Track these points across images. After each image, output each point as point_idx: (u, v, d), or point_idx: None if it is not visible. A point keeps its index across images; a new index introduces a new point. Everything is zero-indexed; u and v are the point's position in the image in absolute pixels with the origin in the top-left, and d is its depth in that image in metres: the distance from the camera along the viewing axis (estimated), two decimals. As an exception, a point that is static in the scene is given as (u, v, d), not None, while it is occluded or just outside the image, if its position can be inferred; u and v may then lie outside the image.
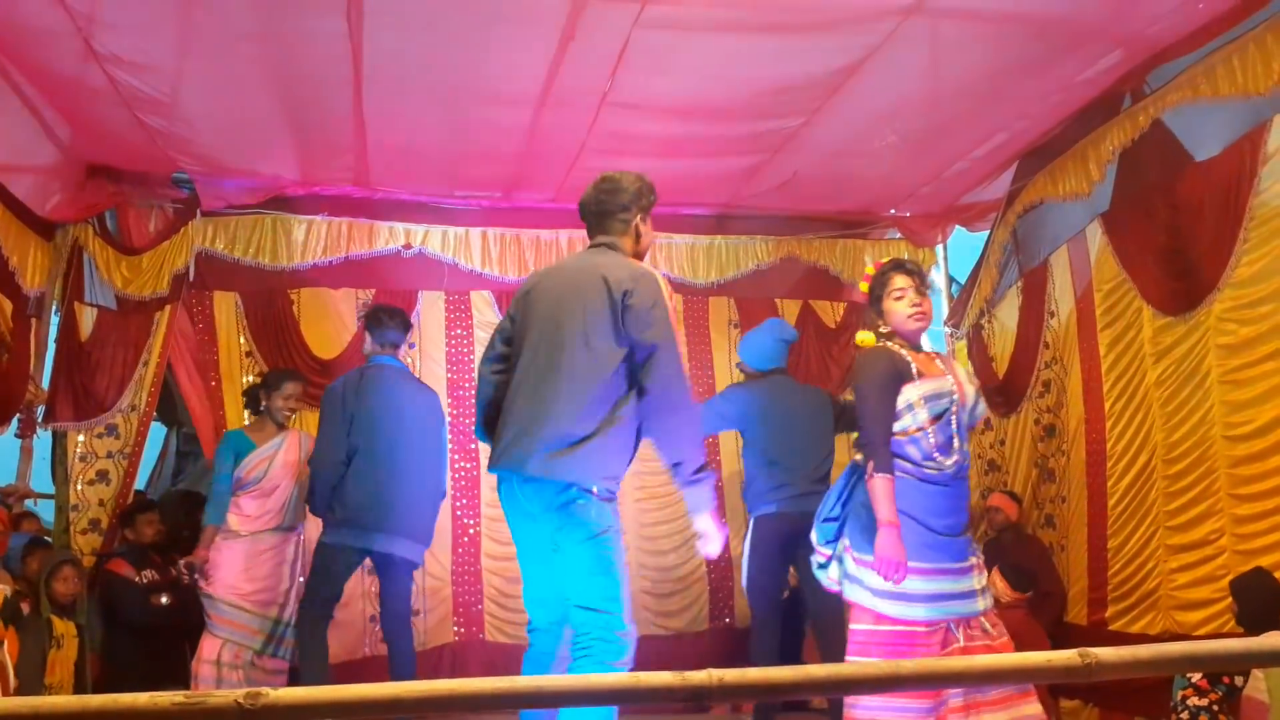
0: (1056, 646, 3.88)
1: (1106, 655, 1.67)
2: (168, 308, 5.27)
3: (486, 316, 5.82)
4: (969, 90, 4.61)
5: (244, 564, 4.50)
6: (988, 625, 3.02)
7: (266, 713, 1.35)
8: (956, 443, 3.08)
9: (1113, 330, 4.82)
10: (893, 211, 6.15)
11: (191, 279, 5.40)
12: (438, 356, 5.72)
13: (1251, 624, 3.49)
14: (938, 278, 6.29)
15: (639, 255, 3.11)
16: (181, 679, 4.47)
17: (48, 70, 4.21)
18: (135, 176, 5.26)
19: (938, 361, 3.19)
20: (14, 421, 4.79)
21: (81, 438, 5.14)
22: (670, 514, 5.53)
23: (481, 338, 5.80)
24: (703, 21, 3.99)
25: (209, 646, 4.43)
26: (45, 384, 5.07)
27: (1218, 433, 4.15)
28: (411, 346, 5.49)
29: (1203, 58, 4.15)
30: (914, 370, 3.08)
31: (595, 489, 2.81)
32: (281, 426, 4.79)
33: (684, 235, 6.02)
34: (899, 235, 6.30)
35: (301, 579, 4.67)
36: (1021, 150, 5.31)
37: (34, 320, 4.99)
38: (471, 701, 1.42)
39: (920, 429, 3.03)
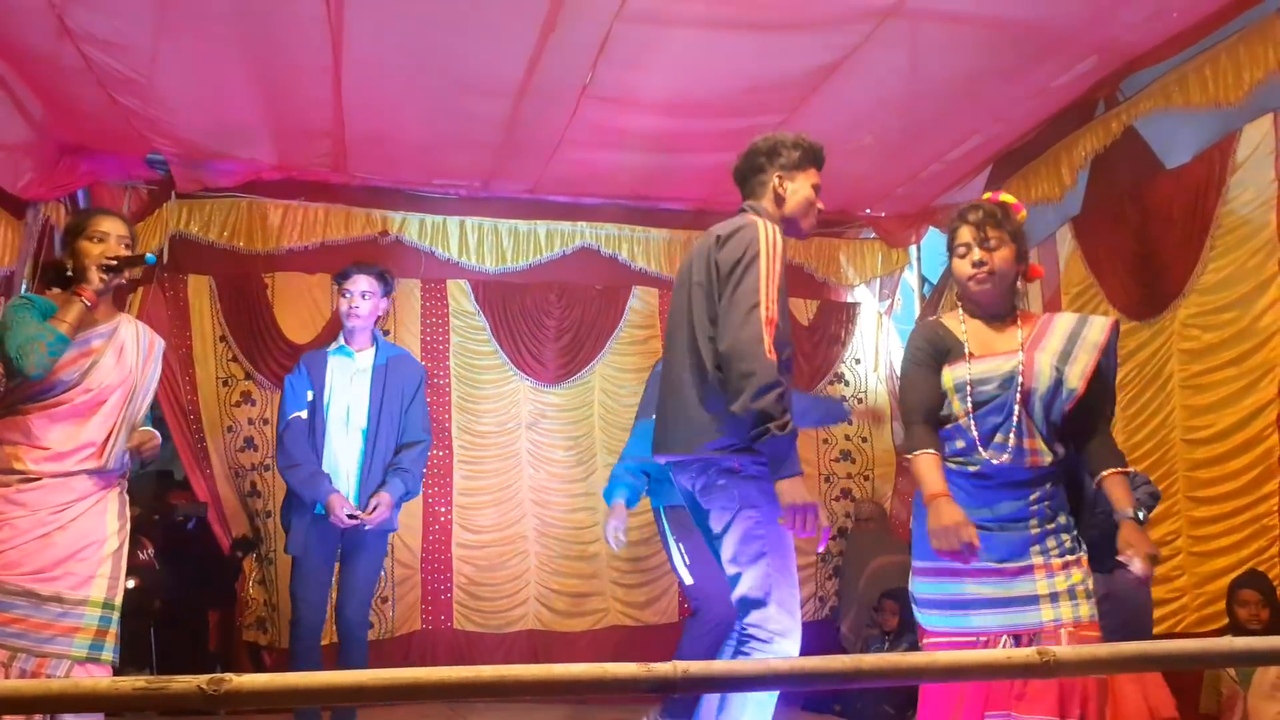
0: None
1: (1065, 654, 1.71)
2: (140, 290, 5.22)
3: (462, 305, 5.81)
4: (946, 93, 4.65)
5: (40, 527, 2.69)
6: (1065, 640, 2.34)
7: (230, 698, 1.35)
8: (1008, 438, 2.44)
9: (1080, 334, 4.89)
10: (868, 211, 6.19)
11: (165, 261, 5.34)
12: (412, 344, 5.69)
13: None
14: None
15: (790, 220, 2.84)
16: (144, 663, 4.43)
17: (19, 46, 4.14)
18: (109, 156, 5.19)
19: (1020, 331, 2.54)
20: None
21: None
22: (638, 506, 5.40)
23: (457, 326, 5.79)
24: (684, 16, 4.00)
25: None
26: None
27: (1177, 436, 4.23)
28: (385, 334, 5.47)
29: (1176, 66, 4.22)
30: (965, 349, 2.51)
31: (736, 465, 2.58)
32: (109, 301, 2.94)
33: (661, 230, 6.02)
34: (874, 235, 6.34)
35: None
36: (996, 154, 5.36)
37: (2, 299, 4.93)
38: (435, 691, 1.43)
39: (959, 417, 2.50)
